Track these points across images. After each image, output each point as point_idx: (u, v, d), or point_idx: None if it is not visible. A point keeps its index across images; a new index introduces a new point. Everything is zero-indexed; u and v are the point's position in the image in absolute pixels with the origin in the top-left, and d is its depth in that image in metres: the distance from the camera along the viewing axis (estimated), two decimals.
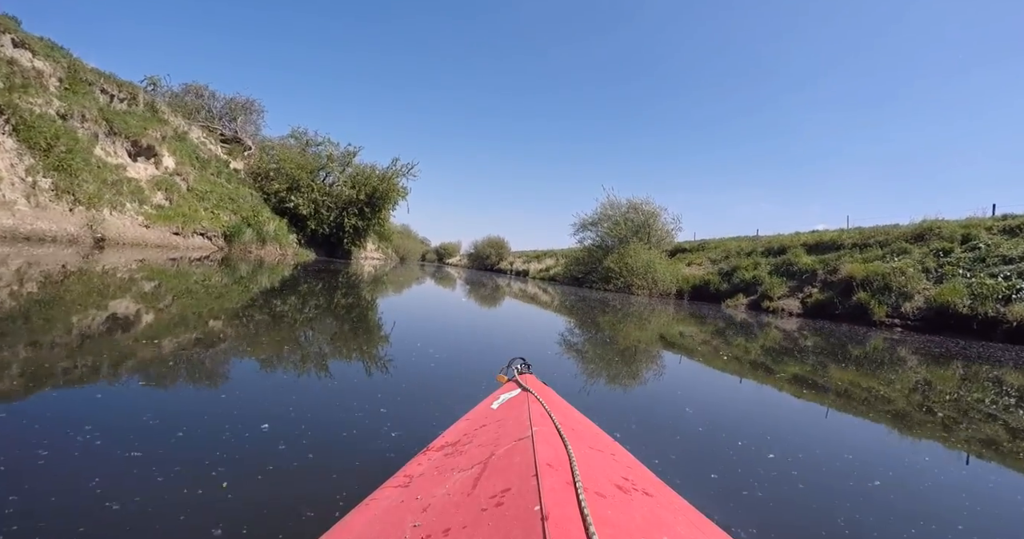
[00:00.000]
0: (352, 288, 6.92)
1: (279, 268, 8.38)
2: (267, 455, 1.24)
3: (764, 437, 1.86)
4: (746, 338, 5.70)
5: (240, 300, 4.10)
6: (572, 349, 3.44)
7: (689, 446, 1.60)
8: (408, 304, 6.34)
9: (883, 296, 9.46)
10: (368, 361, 2.55)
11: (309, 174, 17.22)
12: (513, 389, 0.98)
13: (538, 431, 0.65)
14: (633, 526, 0.44)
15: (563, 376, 2.29)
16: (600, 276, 17.23)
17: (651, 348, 4.30)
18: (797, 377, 3.33)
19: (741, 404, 2.52)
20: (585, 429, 0.83)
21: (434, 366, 2.50)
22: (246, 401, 1.58)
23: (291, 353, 2.24)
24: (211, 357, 2.02)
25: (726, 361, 3.86)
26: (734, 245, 17.31)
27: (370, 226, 19.10)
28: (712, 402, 2.44)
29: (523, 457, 0.56)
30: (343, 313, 4.15)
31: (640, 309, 9.16)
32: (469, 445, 0.72)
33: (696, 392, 2.62)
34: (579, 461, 0.55)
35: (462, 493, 0.53)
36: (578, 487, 0.47)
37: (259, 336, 2.61)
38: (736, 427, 2.02)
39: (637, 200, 20.40)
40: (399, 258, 32.13)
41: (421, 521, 0.49)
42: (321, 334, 2.92)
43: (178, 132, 13.38)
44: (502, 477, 0.53)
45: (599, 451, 0.69)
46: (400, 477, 0.70)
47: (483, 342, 3.63)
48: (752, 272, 13.61)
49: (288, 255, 13.67)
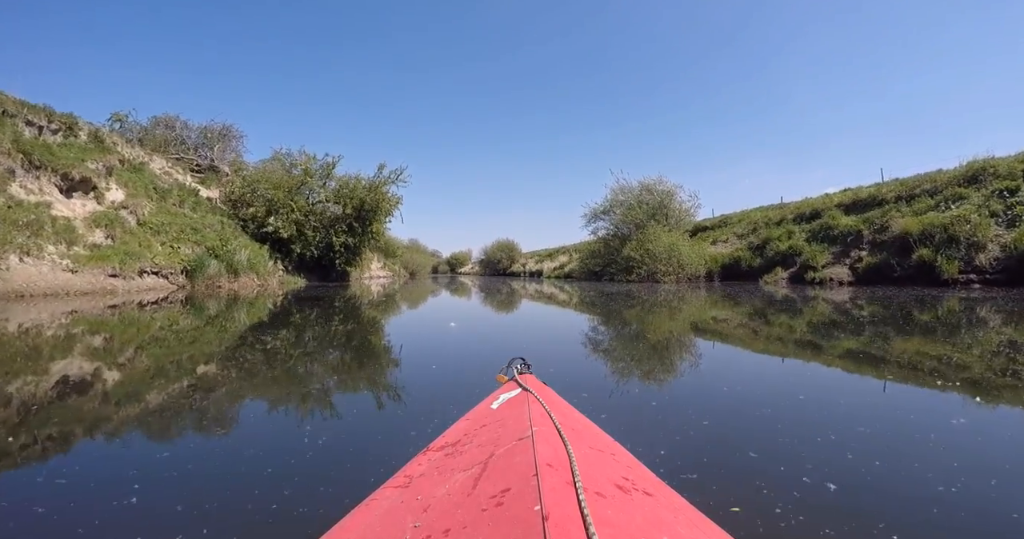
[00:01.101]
0: (337, 318, 5.49)
1: (259, 301, 7.65)
2: (266, 455, 1.32)
3: (803, 441, 1.48)
4: (789, 316, 5.18)
5: (217, 342, 3.64)
6: (577, 351, 3.45)
7: (694, 447, 1.42)
8: (414, 323, 5.85)
9: (950, 250, 8.43)
10: (368, 362, 2.76)
11: (287, 194, 16.57)
12: (513, 389, 1.03)
13: (538, 431, 0.69)
14: (633, 526, 0.46)
15: (563, 376, 2.38)
16: (620, 267, 16.29)
17: (671, 339, 3.95)
18: (853, 357, 2.89)
19: (773, 396, 2.18)
20: (585, 429, 0.86)
21: (434, 368, 2.66)
22: (243, 410, 1.76)
23: (290, 384, 2.28)
24: (208, 400, 1.98)
25: (763, 345, 3.54)
26: (760, 216, 16.56)
27: (363, 242, 18.37)
28: (734, 396, 2.13)
29: (523, 457, 0.60)
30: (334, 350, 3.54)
31: (666, 298, 8.48)
32: (469, 445, 0.77)
33: (718, 385, 2.32)
34: (579, 461, 0.57)
35: (462, 493, 0.56)
36: (578, 487, 0.49)
37: (252, 373, 2.54)
38: (757, 425, 1.67)
39: (649, 180, 19.24)
40: (409, 274, 32.59)
41: (421, 521, 0.52)
42: (317, 367, 2.75)
43: (133, 163, 12.67)
44: (502, 477, 0.56)
45: (599, 451, 0.72)
46: (400, 477, 0.74)
47: (485, 347, 3.64)
48: (787, 242, 12.61)
49: (271, 285, 12.87)
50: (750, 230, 15.59)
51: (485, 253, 42.53)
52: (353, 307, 7.02)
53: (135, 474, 1.23)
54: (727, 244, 16.13)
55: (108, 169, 11.49)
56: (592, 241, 21.65)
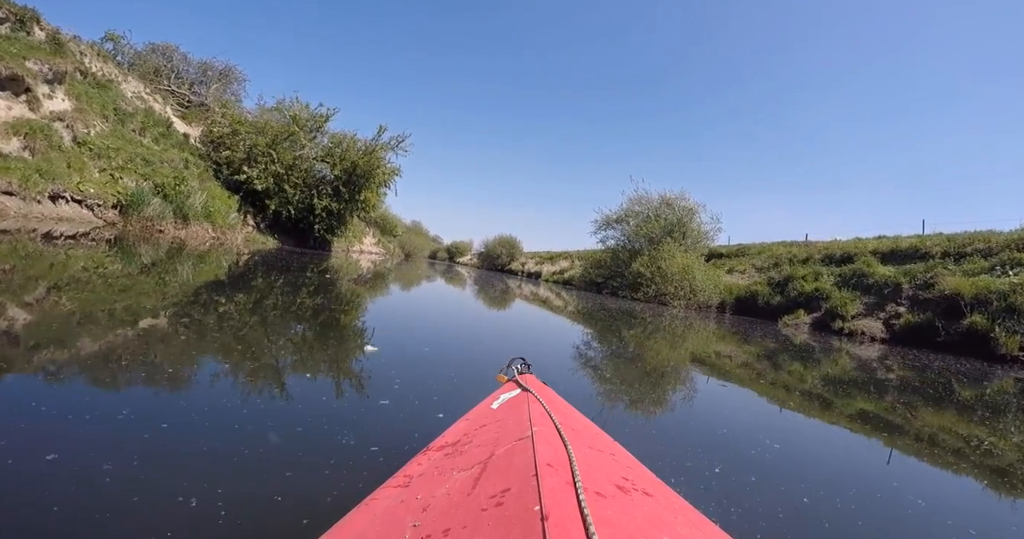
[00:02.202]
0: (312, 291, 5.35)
1: (210, 256, 6.87)
2: (265, 455, 1.38)
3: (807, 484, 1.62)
4: (804, 364, 4.95)
5: (163, 299, 3.24)
6: (576, 354, 3.63)
7: (691, 450, 1.62)
8: (397, 308, 5.78)
9: (1009, 322, 7.97)
10: (367, 363, 2.81)
11: (271, 142, 15.27)
12: (513, 389, 1.10)
13: (538, 431, 0.73)
14: (633, 526, 0.49)
15: (563, 376, 2.55)
16: (627, 282, 16.03)
17: (667, 361, 3.98)
18: (871, 420, 2.74)
19: (769, 430, 2.31)
20: (585, 429, 0.91)
21: (434, 368, 2.77)
22: (230, 403, 1.76)
23: (278, 353, 2.32)
24: (180, 357, 1.99)
25: (766, 386, 3.47)
26: (782, 251, 15.86)
27: (348, 210, 17.13)
28: (730, 416, 2.32)
29: (523, 457, 0.63)
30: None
31: (671, 323, 8.21)
32: (469, 445, 0.81)
33: (714, 407, 2.54)
34: (579, 461, 0.61)
35: (462, 493, 0.60)
36: (578, 487, 0.52)
37: (220, 338, 2.49)
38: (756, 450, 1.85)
39: (671, 195, 18.61)
40: (404, 254, 33.72)
41: (421, 521, 0.56)
42: (309, 360, 2.64)
43: (98, 77, 11.81)
44: (502, 477, 0.60)
45: (599, 451, 0.77)
46: (400, 477, 0.78)
47: (484, 346, 3.82)
48: (813, 283, 12.20)
49: (234, 240, 11.80)
50: (771, 264, 15.11)
51: (485, 246, 43.23)
52: (332, 285, 6.31)
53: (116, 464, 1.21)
54: (744, 275, 15.63)
55: (57, 75, 10.44)
56: (599, 250, 21.04)
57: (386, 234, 31.02)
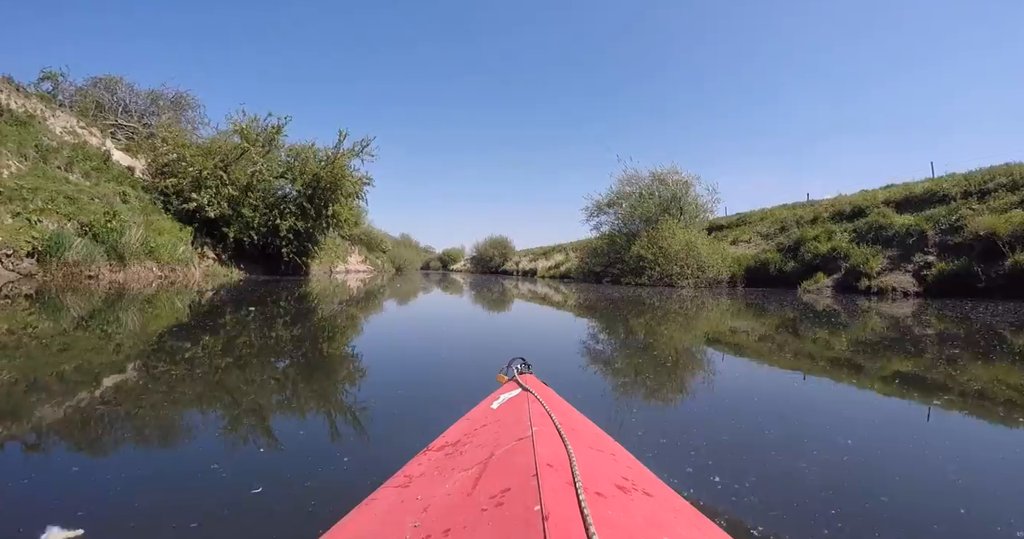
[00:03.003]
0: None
1: (160, 299, 6.18)
2: (264, 455, 1.47)
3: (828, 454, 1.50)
4: (829, 331, 4.73)
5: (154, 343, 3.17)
6: (576, 352, 3.71)
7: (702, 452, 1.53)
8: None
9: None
10: (367, 364, 3.05)
11: (220, 163, 14.55)
12: (513, 389, 1.14)
13: (538, 431, 0.76)
14: (633, 526, 0.51)
15: (563, 376, 2.63)
16: (628, 268, 15.50)
17: (676, 348, 3.88)
18: (912, 384, 2.53)
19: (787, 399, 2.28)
20: (585, 429, 0.95)
21: (434, 368, 2.96)
22: (233, 409, 1.92)
23: (284, 383, 2.52)
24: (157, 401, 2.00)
25: (788, 359, 3.30)
26: (786, 213, 15.62)
27: (318, 228, 16.52)
28: (742, 399, 2.24)
29: (523, 457, 0.66)
30: None
31: (679, 305, 7.71)
32: (469, 445, 0.85)
33: (724, 391, 2.46)
34: (579, 461, 0.63)
35: (462, 493, 0.62)
36: (578, 487, 0.55)
37: (242, 370, 2.70)
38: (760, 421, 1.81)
39: (662, 170, 18.20)
40: (395, 269, 34.68)
41: (421, 521, 0.58)
42: (311, 366, 2.89)
43: (16, 114, 11.28)
44: (502, 477, 0.63)
45: (599, 451, 0.80)
46: (400, 477, 0.82)
47: (482, 348, 3.95)
48: (827, 243, 11.80)
49: (191, 276, 11.26)
50: (777, 229, 15.03)
51: (477, 250, 45.19)
52: (309, 314, 5.61)
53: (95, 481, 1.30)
54: (750, 245, 15.41)
55: None
56: (594, 238, 20.71)
57: (373, 251, 31.43)
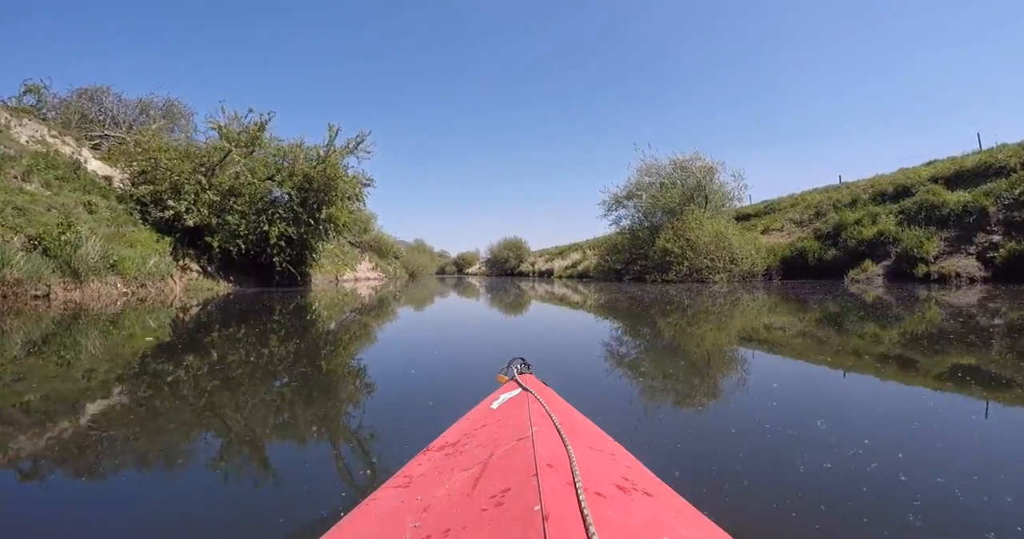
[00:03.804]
0: None
1: (125, 320, 5.53)
2: (266, 456, 1.53)
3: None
4: (879, 325, 4.40)
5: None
6: (576, 350, 3.91)
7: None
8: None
9: None
10: (367, 363, 3.20)
11: (199, 167, 14.08)
12: (513, 389, 1.20)
13: (538, 431, 0.80)
14: (633, 526, 0.54)
15: (563, 376, 2.71)
16: (653, 263, 14.85)
17: (700, 347, 3.77)
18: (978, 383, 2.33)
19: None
20: (585, 429, 0.99)
21: (434, 369, 3.11)
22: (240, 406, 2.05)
23: (289, 384, 2.67)
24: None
25: (828, 355, 3.11)
26: (819, 198, 15.11)
27: (313, 233, 15.97)
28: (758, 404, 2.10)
29: (523, 457, 0.69)
30: None
31: (713, 302, 7.26)
32: (469, 445, 0.89)
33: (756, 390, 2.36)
34: (579, 461, 0.66)
35: (462, 493, 0.65)
36: (578, 487, 0.57)
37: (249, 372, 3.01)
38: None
39: (683, 157, 17.54)
40: (409, 275, 36.11)
41: (421, 521, 0.61)
42: (314, 369, 3.06)
43: None
44: (502, 477, 0.65)
45: (599, 451, 0.83)
46: (400, 477, 0.85)
47: (496, 348, 4.20)
48: (872, 227, 11.35)
49: (169, 292, 10.57)
50: (812, 215, 14.58)
51: (491, 252, 47.28)
52: (306, 330, 5.02)
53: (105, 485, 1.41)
54: (783, 233, 14.95)
55: None
56: (613, 234, 20.08)
57: (384, 257, 32.35)
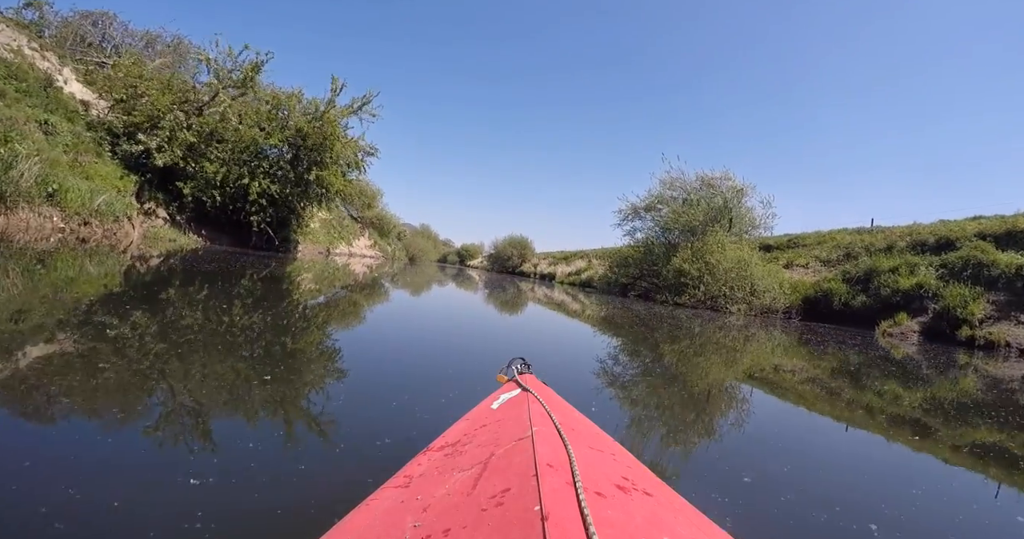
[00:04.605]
0: None
1: (57, 261, 5.30)
2: (265, 455, 1.58)
3: None
4: (901, 384, 4.26)
5: None
6: (575, 351, 4.05)
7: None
8: None
9: None
10: (367, 363, 3.33)
11: (182, 103, 13.18)
12: (513, 389, 1.25)
13: (538, 431, 0.83)
14: (633, 526, 0.56)
15: (563, 376, 2.84)
16: (665, 283, 14.53)
17: (705, 381, 3.79)
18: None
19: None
20: (585, 429, 1.03)
21: (434, 368, 3.25)
22: (238, 402, 2.12)
23: (285, 382, 2.58)
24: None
25: (837, 407, 3.13)
26: (849, 239, 14.73)
27: (298, 195, 15.18)
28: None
29: (523, 457, 0.72)
30: None
31: (723, 335, 7.14)
32: (469, 445, 0.92)
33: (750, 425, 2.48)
34: (579, 461, 0.69)
35: (462, 493, 0.68)
36: (578, 487, 0.60)
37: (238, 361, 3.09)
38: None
39: (712, 174, 16.94)
40: (408, 258, 37.61)
41: (421, 521, 0.64)
42: (313, 364, 3.13)
43: None
44: (502, 477, 0.68)
45: (599, 451, 0.86)
46: (400, 477, 0.89)
47: (496, 348, 4.38)
48: (909, 278, 10.86)
49: (124, 236, 9.89)
50: (841, 255, 14.07)
51: (495, 248, 48.10)
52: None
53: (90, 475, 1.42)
54: (808, 270, 14.49)
55: None
56: (625, 246, 19.67)
57: (386, 236, 33.06)
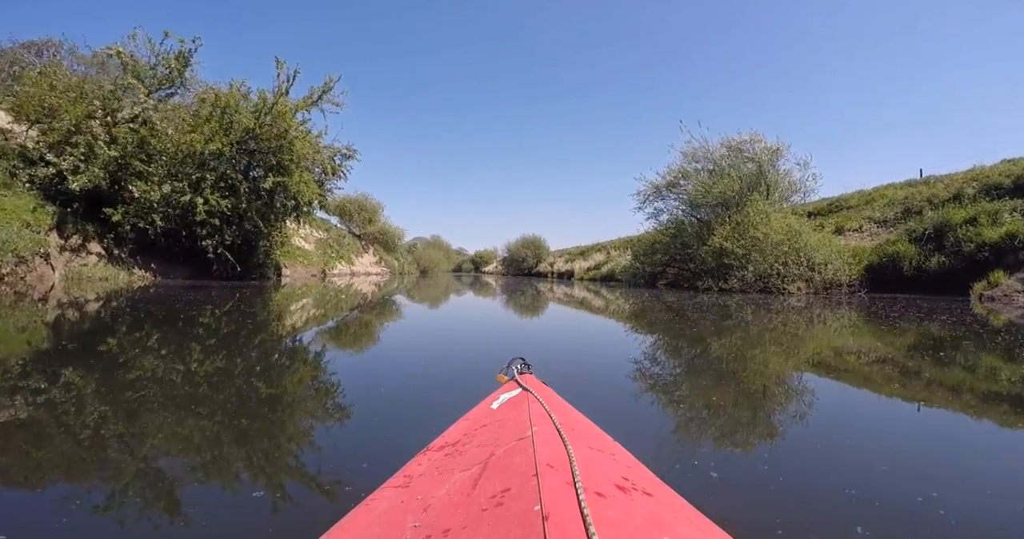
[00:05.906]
0: None
1: None
2: (266, 456, 1.71)
3: None
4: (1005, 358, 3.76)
5: None
6: (574, 350, 4.36)
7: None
8: None
9: None
10: (368, 362, 3.58)
11: (101, 112, 12.13)
12: (513, 389, 1.34)
13: (538, 431, 0.89)
14: (633, 526, 0.60)
15: (563, 376, 3.00)
16: (706, 267, 13.59)
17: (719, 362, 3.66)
18: None
19: None
20: (585, 429, 1.08)
21: (434, 368, 3.49)
22: (237, 403, 2.33)
23: (286, 382, 2.98)
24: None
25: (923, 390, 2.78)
26: (903, 193, 14.15)
27: (260, 210, 13.61)
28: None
29: (523, 457, 0.78)
30: None
31: (821, 328, 6.06)
32: (469, 445, 0.99)
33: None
34: (579, 461, 0.74)
35: (462, 493, 0.73)
36: (578, 487, 0.64)
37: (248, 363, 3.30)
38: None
39: (738, 138, 15.76)
40: (420, 271, 38.97)
41: (421, 521, 0.69)
42: (314, 365, 3.56)
43: None
44: (502, 477, 0.73)
45: (599, 451, 0.92)
46: (400, 477, 0.94)
47: (496, 347, 4.81)
48: (995, 228, 10.21)
49: (40, 279, 9.41)
50: (899, 212, 13.40)
51: (508, 250, 50.97)
52: None
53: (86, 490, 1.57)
54: (863, 234, 13.84)
55: None
56: (649, 231, 18.56)
57: (391, 251, 34.30)
